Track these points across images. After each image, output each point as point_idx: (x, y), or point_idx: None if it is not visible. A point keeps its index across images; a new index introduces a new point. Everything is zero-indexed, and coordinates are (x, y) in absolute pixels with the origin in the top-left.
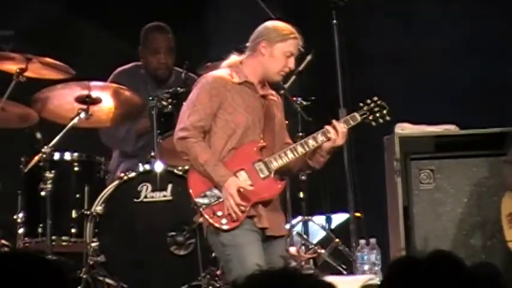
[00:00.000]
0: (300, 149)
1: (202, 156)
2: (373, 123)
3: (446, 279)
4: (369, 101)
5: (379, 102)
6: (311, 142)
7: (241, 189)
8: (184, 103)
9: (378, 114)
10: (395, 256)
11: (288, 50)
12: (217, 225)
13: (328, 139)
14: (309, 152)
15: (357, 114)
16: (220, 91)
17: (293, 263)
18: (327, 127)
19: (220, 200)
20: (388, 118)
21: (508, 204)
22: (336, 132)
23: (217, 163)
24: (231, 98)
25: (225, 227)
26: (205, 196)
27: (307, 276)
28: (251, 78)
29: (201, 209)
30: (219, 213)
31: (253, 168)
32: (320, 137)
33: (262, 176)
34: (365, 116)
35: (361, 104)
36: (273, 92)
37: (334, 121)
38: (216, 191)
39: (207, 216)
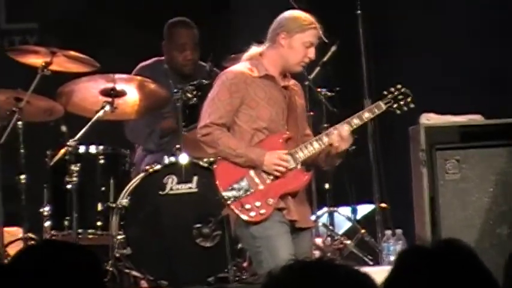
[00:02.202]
0: (325, 139)
1: (232, 142)
2: (398, 111)
3: (456, 268)
4: (392, 89)
5: (402, 90)
6: (336, 133)
7: (280, 163)
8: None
9: (402, 102)
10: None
11: (308, 41)
12: (246, 218)
13: (331, 144)
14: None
15: (381, 103)
16: (241, 87)
17: (318, 254)
18: (331, 129)
19: (248, 192)
20: (412, 105)
21: None
22: (339, 137)
23: (249, 145)
24: (253, 92)
25: (254, 220)
26: (232, 189)
27: (342, 266)
28: (271, 70)
29: (228, 202)
30: (247, 206)
31: None
32: (325, 139)
33: (289, 167)
34: (389, 104)
35: (385, 93)
36: (295, 82)
37: (338, 125)
38: (243, 184)
39: (235, 210)
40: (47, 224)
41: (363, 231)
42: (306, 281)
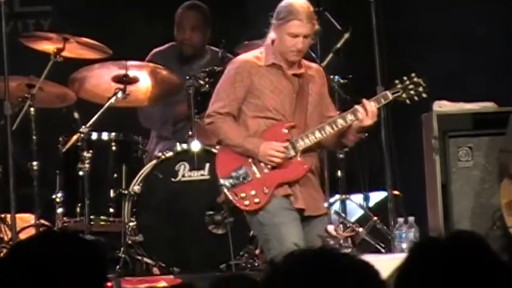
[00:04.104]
0: (328, 129)
1: (232, 132)
2: (408, 101)
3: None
4: (404, 78)
5: (415, 79)
6: (340, 121)
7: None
8: None
9: (412, 92)
10: (416, 240)
11: (291, 32)
12: (240, 206)
13: (357, 118)
14: (338, 131)
15: (388, 93)
16: (245, 76)
17: (331, 242)
18: (357, 106)
19: (245, 181)
20: (424, 96)
21: (506, 193)
22: (365, 112)
23: (248, 135)
24: (258, 81)
25: (247, 209)
26: (230, 177)
27: (344, 256)
28: (278, 59)
29: (225, 190)
30: (242, 195)
31: None
32: (349, 117)
33: (288, 156)
34: (398, 94)
35: (396, 81)
36: (312, 65)
37: (364, 100)
38: (241, 172)
39: (230, 197)
40: (59, 210)
41: (375, 218)
42: (308, 270)
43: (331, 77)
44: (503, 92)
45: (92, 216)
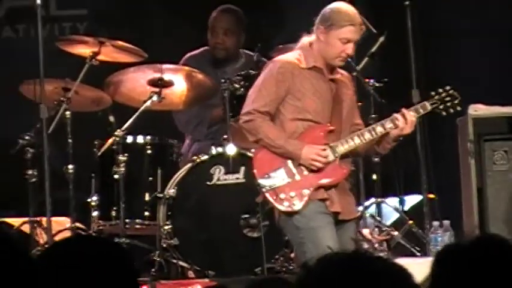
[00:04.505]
0: (368, 135)
1: (273, 132)
2: (444, 113)
3: (494, 265)
4: (440, 90)
5: (451, 92)
6: (379, 129)
7: (316, 158)
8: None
9: (448, 104)
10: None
11: (344, 37)
12: (280, 207)
13: (396, 127)
14: (375, 138)
15: (427, 104)
16: (287, 77)
17: (365, 245)
18: (396, 115)
19: (284, 182)
20: (458, 108)
21: None
22: (405, 121)
23: (288, 137)
24: (299, 83)
25: (287, 210)
26: (269, 177)
27: (378, 259)
28: (319, 63)
29: (263, 190)
30: (282, 196)
31: None
32: (388, 124)
33: (329, 160)
34: (435, 105)
35: (432, 93)
36: (343, 72)
37: (403, 109)
38: (280, 173)
39: (269, 198)
40: (95, 213)
41: (410, 222)
42: (341, 272)
43: (367, 80)
44: None
45: (127, 220)
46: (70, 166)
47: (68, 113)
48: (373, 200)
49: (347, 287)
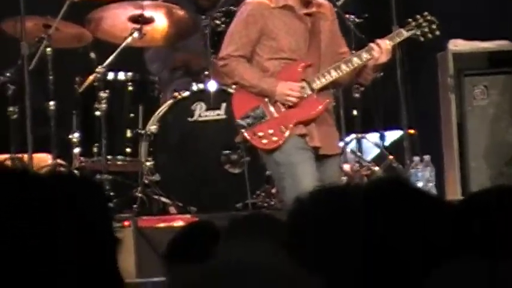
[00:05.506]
0: (344, 67)
1: (247, 73)
2: (421, 38)
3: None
4: (418, 16)
5: (428, 17)
6: (355, 60)
7: (291, 94)
8: None
9: (426, 29)
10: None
11: None
12: (258, 145)
13: (372, 56)
14: (354, 70)
15: (403, 30)
16: (258, 18)
17: (346, 181)
18: (371, 44)
19: (263, 120)
20: (437, 33)
21: None
22: (380, 50)
23: (263, 76)
24: (272, 23)
25: (266, 147)
26: (247, 117)
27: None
28: (290, 0)
29: (243, 130)
30: (260, 134)
31: None
32: (364, 55)
33: (305, 95)
34: (412, 31)
35: (409, 20)
36: (323, 2)
37: (378, 39)
38: (258, 111)
39: (248, 137)
40: (76, 150)
41: (391, 157)
42: (334, 205)
43: (347, 16)
44: None
45: (108, 156)
46: (51, 103)
47: (48, 49)
48: (353, 135)
49: (337, 221)
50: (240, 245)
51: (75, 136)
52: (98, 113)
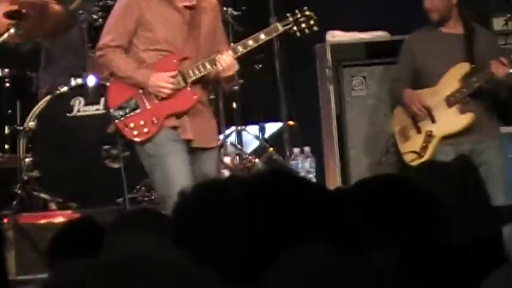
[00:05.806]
0: (208, 66)
1: (122, 63)
2: (298, 34)
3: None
4: (296, 11)
5: (307, 13)
6: (207, 64)
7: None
8: None
9: (303, 25)
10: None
11: None
12: (129, 137)
13: (216, 69)
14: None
15: (278, 25)
16: (135, 9)
17: (227, 174)
18: (215, 57)
19: (135, 111)
20: (315, 28)
21: (398, 120)
22: (221, 65)
23: (138, 67)
24: (149, 14)
25: (136, 139)
26: (120, 108)
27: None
28: None
29: (116, 121)
30: (131, 125)
31: None
32: (208, 65)
33: (178, 87)
34: (289, 26)
35: (287, 15)
36: None
37: (221, 53)
38: (131, 103)
39: (120, 128)
40: None
41: (271, 149)
42: (216, 200)
43: (225, 9)
44: (395, 22)
45: None
46: None
47: None
48: (233, 128)
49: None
50: (125, 240)
51: None
52: None
